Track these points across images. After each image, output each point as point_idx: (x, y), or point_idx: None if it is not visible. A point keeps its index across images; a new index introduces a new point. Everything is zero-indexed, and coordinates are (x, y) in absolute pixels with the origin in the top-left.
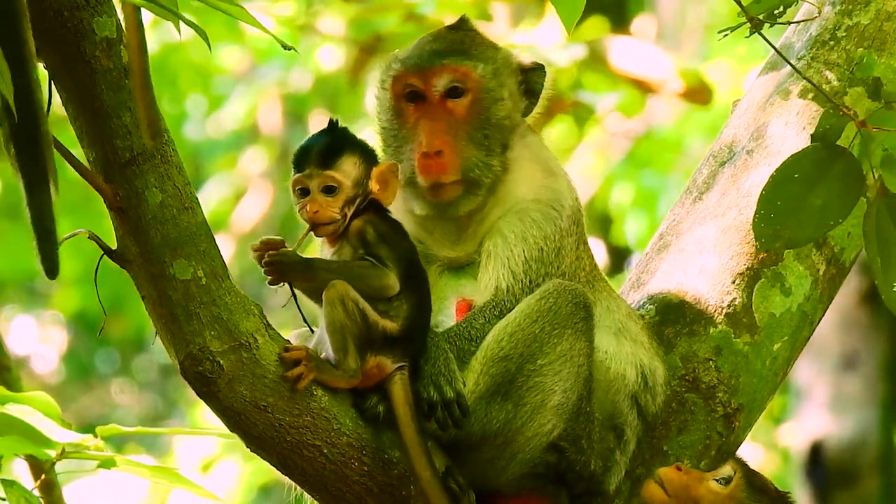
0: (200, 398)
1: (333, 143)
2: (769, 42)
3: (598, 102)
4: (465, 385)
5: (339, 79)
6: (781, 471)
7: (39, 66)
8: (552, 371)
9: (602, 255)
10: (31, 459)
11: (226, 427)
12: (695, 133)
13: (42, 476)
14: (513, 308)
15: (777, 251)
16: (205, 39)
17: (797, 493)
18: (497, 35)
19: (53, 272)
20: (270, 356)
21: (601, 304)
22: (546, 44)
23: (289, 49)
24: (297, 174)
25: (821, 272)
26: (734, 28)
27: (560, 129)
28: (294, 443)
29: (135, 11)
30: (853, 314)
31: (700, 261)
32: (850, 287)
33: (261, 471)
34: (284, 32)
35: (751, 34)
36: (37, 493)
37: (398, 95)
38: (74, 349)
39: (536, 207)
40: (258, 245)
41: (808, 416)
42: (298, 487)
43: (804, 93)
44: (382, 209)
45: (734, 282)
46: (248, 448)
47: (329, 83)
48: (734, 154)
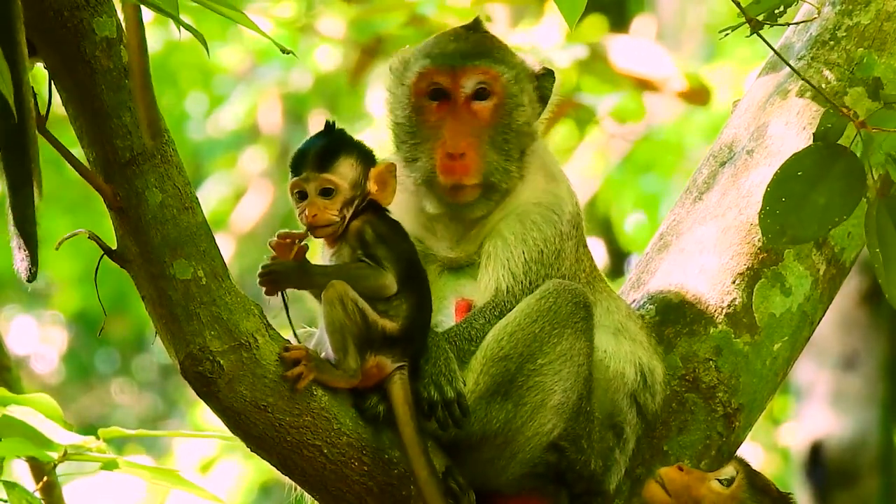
0: (200, 398)
1: (330, 146)
2: (768, 44)
3: (599, 104)
4: (466, 385)
5: (340, 79)
6: (781, 471)
7: (39, 66)
8: (552, 370)
9: (602, 256)
10: (33, 461)
11: (226, 427)
12: (695, 135)
13: (44, 478)
14: (513, 309)
15: (782, 247)
16: (202, 43)
17: (797, 493)
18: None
19: (32, 276)
20: (270, 356)
21: (601, 305)
22: (545, 44)
23: (287, 53)
24: (295, 178)
25: (821, 272)
26: (734, 28)
27: (560, 131)
28: (294, 443)
29: (135, 11)
30: (853, 314)
31: (700, 261)
32: (850, 287)
33: (261, 470)
34: (283, 34)
35: (750, 34)
36: (38, 495)
37: (420, 92)
38: (74, 349)
39: (537, 210)
40: (276, 241)
41: (808, 416)
42: (298, 487)
43: (804, 93)
44: (381, 209)
45: (734, 282)
46: (249, 448)
47: (329, 83)
48: (734, 154)
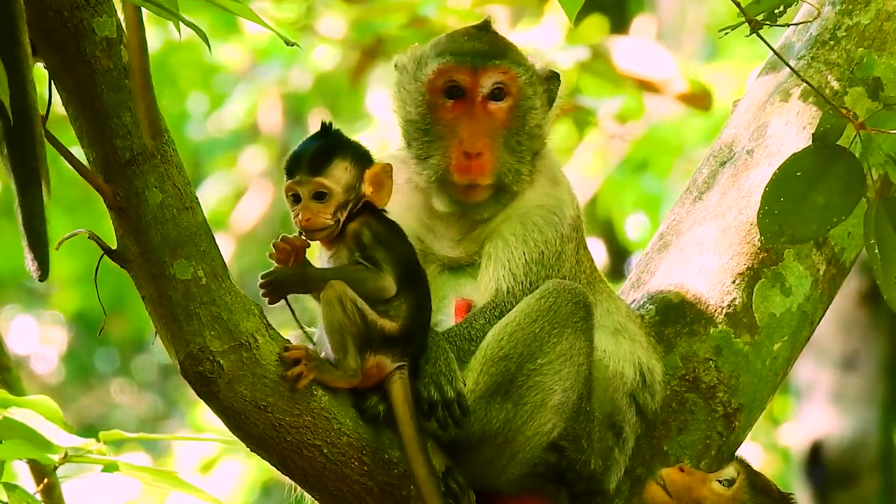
0: (200, 398)
1: (324, 149)
2: (768, 44)
3: (600, 106)
4: (466, 385)
5: (340, 78)
6: (781, 471)
7: (39, 66)
8: (552, 370)
9: (602, 256)
10: (34, 463)
11: (226, 427)
12: (694, 135)
13: (45, 480)
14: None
15: (781, 247)
16: (205, 40)
17: (797, 493)
18: None
19: (44, 274)
20: (270, 356)
21: (601, 306)
22: (545, 45)
23: (291, 45)
24: (289, 181)
25: (821, 272)
26: (734, 27)
27: (560, 132)
28: (294, 443)
29: (135, 11)
30: (853, 314)
31: (700, 261)
32: (850, 287)
33: (263, 469)
34: (283, 34)
35: (750, 34)
36: (38, 497)
37: (436, 89)
38: (74, 349)
39: (539, 213)
40: (280, 244)
41: (808, 416)
42: (298, 487)
43: (804, 93)
44: (379, 210)
45: (734, 282)
46: (249, 448)
47: (329, 83)
48: (734, 154)
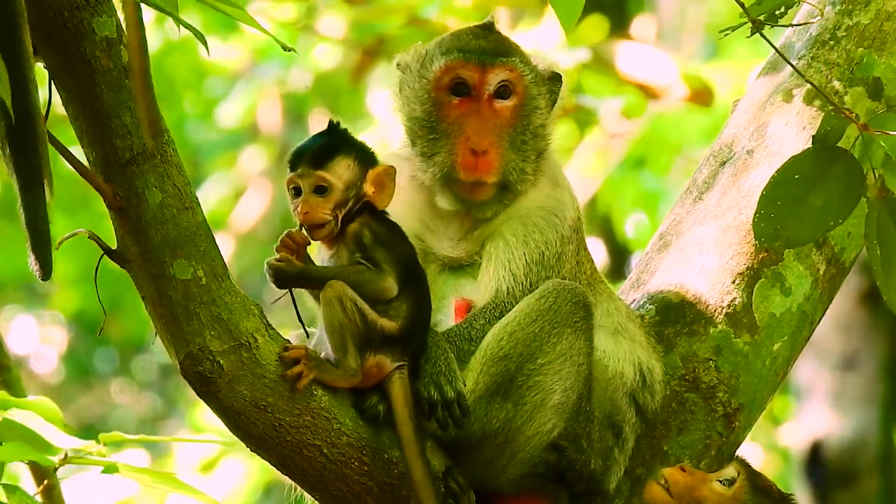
0: (200, 398)
1: (329, 145)
2: (770, 43)
3: (600, 106)
4: (466, 385)
5: (340, 78)
6: (781, 471)
7: (39, 66)
8: (552, 370)
9: (602, 256)
10: (34, 464)
11: (226, 427)
12: (693, 134)
13: (45, 481)
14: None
15: (777, 250)
16: (203, 42)
17: (797, 493)
18: None
19: (46, 274)
20: (270, 356)
21: (601, 307)
22: (545, 46)
23: (288, 50)
24: (291, 173)
25: (821, 272)
26: (735, 27)
27: (561, 132)
28: (294, 443)
29: (135, 11)
30: (853, 314)
31: (700, 260)
32: (850, 287)
33: (265, 469)
34: (284, 34)
35: (751, 34)
36: (38, 499)
37: (442, 87)
38: (74, 349)
39: (540, 214)
40: (284, 241)
41: (808, 416)
42: (298, 487)
43: (804, 93)
44: (379, 210)
45: (734, 282)
46: (249, 448)
47: (329, 82)
48: (734, 154)
